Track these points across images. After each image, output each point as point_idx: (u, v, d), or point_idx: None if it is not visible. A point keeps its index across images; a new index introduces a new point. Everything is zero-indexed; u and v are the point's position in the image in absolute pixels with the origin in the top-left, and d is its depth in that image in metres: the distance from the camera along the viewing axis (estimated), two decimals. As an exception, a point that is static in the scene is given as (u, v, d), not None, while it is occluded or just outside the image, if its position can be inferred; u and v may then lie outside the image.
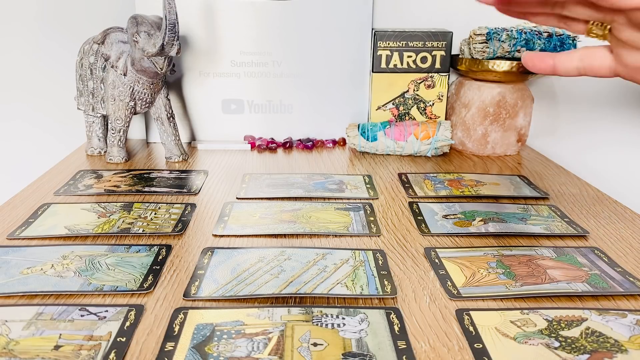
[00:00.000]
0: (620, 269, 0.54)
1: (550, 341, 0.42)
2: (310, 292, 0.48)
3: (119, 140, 0.84)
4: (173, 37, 0.74)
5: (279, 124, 0.97)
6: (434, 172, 0.82)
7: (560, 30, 0.85)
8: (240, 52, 0.93)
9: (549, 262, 0.55)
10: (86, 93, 0.85)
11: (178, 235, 0.60)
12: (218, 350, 0.41)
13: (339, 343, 0.42)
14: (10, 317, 0.44)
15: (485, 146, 0.90)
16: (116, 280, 0.50)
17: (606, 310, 0.47)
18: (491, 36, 0.84)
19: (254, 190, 0.73)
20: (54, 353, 0.40)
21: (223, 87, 0.94)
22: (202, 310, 0.46)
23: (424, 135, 0.88)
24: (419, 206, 0.69)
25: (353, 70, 0.95)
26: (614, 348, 0.42)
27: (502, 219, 0.64)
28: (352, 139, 0.90)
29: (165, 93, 0.85)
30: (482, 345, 0.42)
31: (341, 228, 0.62)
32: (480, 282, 0.51)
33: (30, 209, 0.66)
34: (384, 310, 0.46)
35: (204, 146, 0.94)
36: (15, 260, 0.54)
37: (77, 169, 0.82)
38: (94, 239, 0.59)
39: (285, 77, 0.95)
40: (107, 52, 0.80)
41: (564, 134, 1.06)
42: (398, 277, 0.52)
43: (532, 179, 0.80)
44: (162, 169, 0.82)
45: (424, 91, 0.93)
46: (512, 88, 0.88)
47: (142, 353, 0.41)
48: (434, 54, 0.91)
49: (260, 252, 0.56)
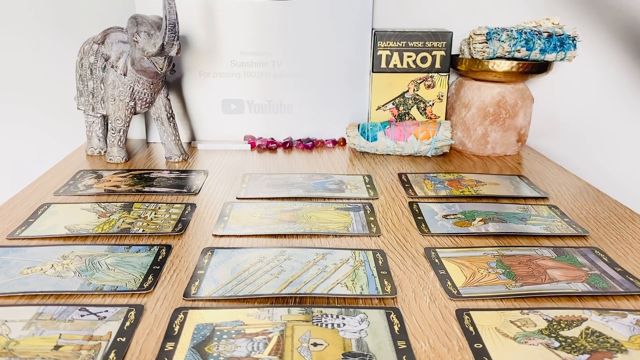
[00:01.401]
0: (620, 269, 0.54)
1: (550, 341, 0.42)
2: (310, 292, 0.48)
3: (119, 140, 0.84)
4: (173, 37, 0.74)
5: (279, 124, 0.97)
6: (434, 172, 0.82)
7: (560, 30, 0.85)
8: (240, 52, 0.93)
9: (549, 262, 0.55)
10: (86, 93, 0.85)
11: (178, 235, 0.60)
12: (218, 350, 0.41)
13: (339, 343, 0.42)
14: (10, 317, 0.44)
15: (485, 146, 0.90)
16: (116, 280, 0.50)
17: (606, 310, 0.47)
18: (491, 36, 0.84)
19: (254, 190, 0.73)
20: (54, 353, 0.40)
21: (223, 87, 0.94)
22: (202, 310, 0.46)
23: (424, 135, 0.88)
24: (419, 206, 0.69)
25: (353, 70, 0.95)
26: (614, 348, 0.42)
27: (502, 219, 0.64)
28: (352, 139, 0.90)
29: (165, 93, 0.85)
30: (482, 345, 0.42)
31: (341, 228, 0.62)
32: (480, 282, 0.51)
33: (30, 209, 0.66)
34: (384, 310, 0.46)
35: (204, 146, 0.94)
36: (15, 260, 0.54)
37: (77, 169, 0.82)
38: (94, 239, 0.59)
39: (285, 77, 0.95)
40: (107, 52, 0.80)
41: (564, 134, 1.06)
42: (398, 277, 0.52)
43: (532, 179, 0.80)
44: (162, 169, 0.82)
45: (424, 91, 0.93)
46: (512, 88, 0.88)
47: (142, 353, 0.41)
48: (434, 54, 0.91)
49: (260, 252, 0.56)
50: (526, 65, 0.85)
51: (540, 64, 0.86)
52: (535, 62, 0.86)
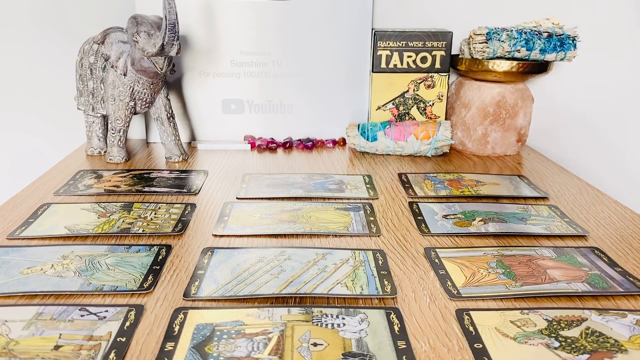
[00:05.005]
0: (620, 269, 0.54)
1: (550, 341, 0.42)
2: (310, 292, 0.48)
3: (119, 140, 0.84)
4: (173, 37, 0.74)
5: (278, 124, 0.97)
6: (434, 172, 0.82)
7: (560, 30, 0.85)
8: (240, 52, 0.93)
9: (549, 262, 0.55)
10: (86, 93, 0.85)
11: (178, 235, 0.60)
12: (218, 350, 0.41)
13: (339, 343, 0.42)
14: (10, 317, 0.44)
15: (485, 146, 0.90)
16: (116, 280, 0.50)
17: (606, 310, 0.47)
18: (491, 36, 0.84)
19: (254, 190, 0.73)
20: (54, 353, 0.40)
21: (223, 87, 0.94)
22: (202, 310, 0.46)
23: (424, 135, 0.88)
24: (419, 206, 0.69)
25: (353, 70, 0.95)
26: (614, 348, 0.42)
27: (502, 219, 0.64)
28: (352, 139, 0.90)
29: (165, 93, 0.85)
30: (482, 345, 0.42)
31: (341, 228, 0.62)
32: (480, 282, 0.51)
33: (30, 209, 0.66)
34: (384, 310, 0.46)
35: (204, 146, 0.94)
36: (15, 260, 0.54)
37: (77, 169, 0.81)
38: (94, 239, 0.59)
39: (285, 77, 0.95)
40: (107, 52, 0.80)
41: (564, 134, 1.06)
42: (398, 277, 0.52)
43: (532, 179, 0.80)
44: (162, 169, 0.82)
45: (424, 91, 0.93)
46: (512, 88, 0.88)
47: (142, 353, 0.41)
48: (434, 54, 0.91)
49: (260, 252, 0.56)
50: (526, 65, 0.85)
51: (540, 64, 0.86)
52: (535, 62, 0.86)
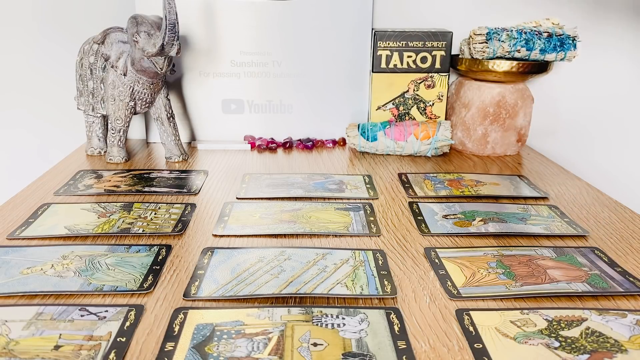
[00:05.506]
0: (620, 269, 0.54)
1: (550, 341, 0.42)
2: (310, 292, 0.48)
3: (119, 140, 0.84)
4: (173, 37, 0.74)
5: (278, 124, 0.97)
6: (434, 172, 0.82)
7: (560, 30, 0.85)
8: (240, 52, 0.93)
9: (549, 262, 0.55)
10: (86, 93, 0.85)
11: (178, 235, 0.60)
12: (218, 351, 0.41)
13: (339, 343, 0.42)
14: (10, 317, 0.44)
15: (485, 146, 0.90)
16: (116, 280, 0.50)
17: (606, 310, 0.47)
18: (491, 36, 0.84)
19: (254, 190, 0.73)
20: (54, 353, 0.40)
21: (223, 87, 0.94)
22: (202, 310, 0.46)
23: (424, 135, 0.88)
24: (419, 206, 0.69)
25: (353, 70, 0.95)
26: (614, 348, 0.42)
27: (502, 219, 0.64)
28: (352, 139, 0.90)
29: (165, 93, 0.85)
30: (482, 345, 0.42)
31: (341, 228, 0.62)
32: (480, 282, 0.51)
33: (30, 209, 0.66)
34: (384, 310, 0.46)
35: (204, 146, 0.94)
36: (15, 260, 0.54)
37: (77, 169, 0.81)
38: (94, 239, 0.59)
39: (285, 77, 0.95)
40: (107, 52, 0.80)
41: (564, 134, 1.06)
42: (398, 277, 0.52)
43: (532, 179, 0.80)
44: (162, 169, 0.82)
45: (424, 91, 0.93)
46: (512, 88, 0.88)
47: (142, 353, 0.41)
48: (434, 54, 0.91)
49: (260, 252, 0.56)
50: (526, 65, 0.85)
51: (540, 64, 0.86)
52: (535, 62, 0.86)
